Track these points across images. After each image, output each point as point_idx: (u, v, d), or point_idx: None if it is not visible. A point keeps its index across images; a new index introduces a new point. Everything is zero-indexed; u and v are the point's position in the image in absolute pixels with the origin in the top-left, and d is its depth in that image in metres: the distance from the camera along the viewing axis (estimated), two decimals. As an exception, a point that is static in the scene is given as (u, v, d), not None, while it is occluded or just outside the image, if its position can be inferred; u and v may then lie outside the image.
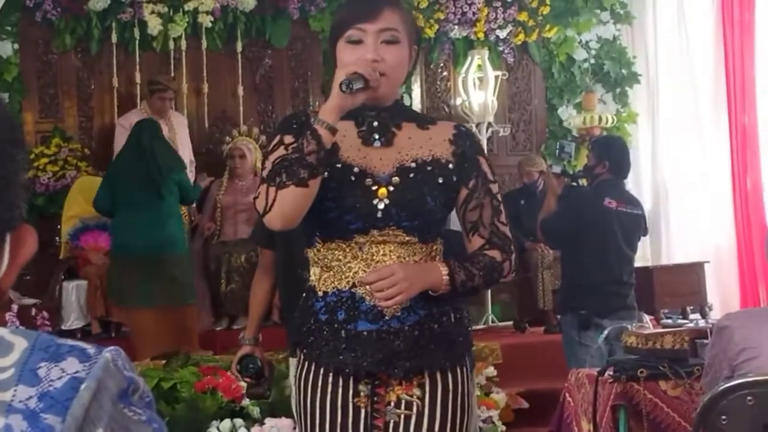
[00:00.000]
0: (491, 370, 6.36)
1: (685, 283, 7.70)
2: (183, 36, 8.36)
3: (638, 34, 9.55)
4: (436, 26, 8.89)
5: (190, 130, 8.23)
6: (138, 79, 8.33)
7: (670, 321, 5.21)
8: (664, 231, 9.02)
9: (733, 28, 8.70)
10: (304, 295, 2.52)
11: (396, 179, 2.42)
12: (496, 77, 8.89)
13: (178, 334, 6.72)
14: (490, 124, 8.77)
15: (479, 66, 8.88)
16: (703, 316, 7.25)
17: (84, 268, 7.47)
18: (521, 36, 9.19)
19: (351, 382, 2.42)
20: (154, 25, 8.21)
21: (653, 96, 9.34)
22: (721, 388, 2.99)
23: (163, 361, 6.08)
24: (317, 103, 8.56)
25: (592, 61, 9.49)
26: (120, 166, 6.91)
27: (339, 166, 2.41)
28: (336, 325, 2.41)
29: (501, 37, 9.15)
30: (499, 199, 2.52)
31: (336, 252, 2.42)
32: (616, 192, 5.80)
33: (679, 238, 8.99)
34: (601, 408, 4.16)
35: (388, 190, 2.40)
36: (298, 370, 2.51)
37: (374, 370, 2.40)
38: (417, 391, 2.43)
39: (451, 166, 2.47)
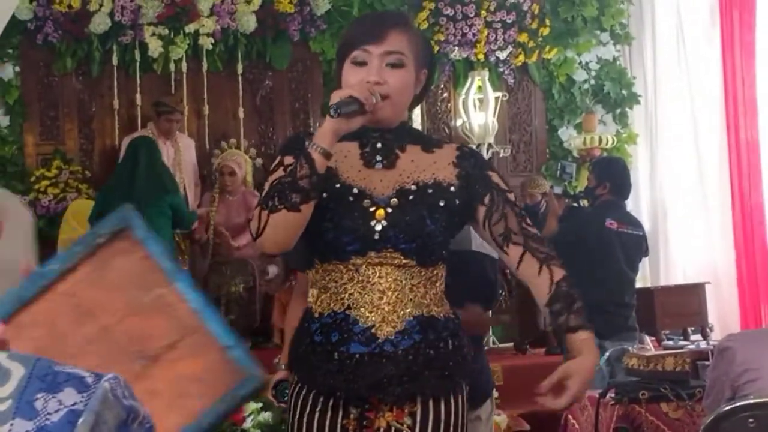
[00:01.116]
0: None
1: (686, 304, 7.68)
2: (184, 58, 8.36)
3: (637, 54, 9.57)
4: (437, 47, 8.88)
5: (190, 152, 8.23)
6: (139, 101, 8.33)
7: (671, 342, 5.22)
8: (663, 251, 9.00)
9: (733, 48, 8.72)
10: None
11: (395, 201, 2.37)
12: (497, 98, 8.90)
13: None
14: (490, 145, 8.78)
15: (479, 87, 8.89)
16: (704, 337, 7.23)
17: (83, 291, 7.43)
18: (521, 57, 9.20)
19: (341, 403, 2.37)
20: (155, 47, 8.21)
21: (652, 116, 9.34)
22: (723, 410, 2.99)
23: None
24: (317, 124, 8.56)
25: (592, 81, 9.50)
26: (112, 184, 6.79)
27: (338, 186, 2.37)
28: (329, 347, 2.36)
29: (501, 58, 9.17)
30: (520, 205, 2.49)
31: (333, 273, 2.38)
32: (617, 213, 5.80)
33: (678, 258, 8.97)
34: (602, 430, 4.15)
35: (386, 212, 2.35)
36: (291, 392, 2.47)
37: (365, 394, 2.34)
38: (408, 420, 2.36)
39: (453, 189, 2.41)
